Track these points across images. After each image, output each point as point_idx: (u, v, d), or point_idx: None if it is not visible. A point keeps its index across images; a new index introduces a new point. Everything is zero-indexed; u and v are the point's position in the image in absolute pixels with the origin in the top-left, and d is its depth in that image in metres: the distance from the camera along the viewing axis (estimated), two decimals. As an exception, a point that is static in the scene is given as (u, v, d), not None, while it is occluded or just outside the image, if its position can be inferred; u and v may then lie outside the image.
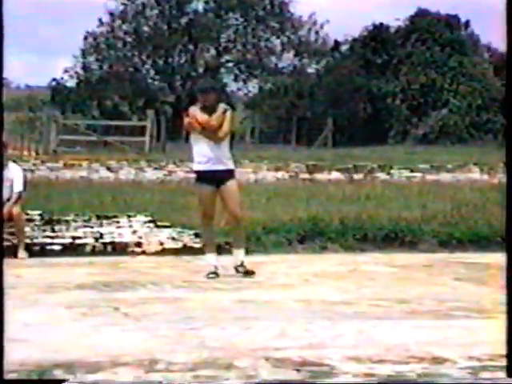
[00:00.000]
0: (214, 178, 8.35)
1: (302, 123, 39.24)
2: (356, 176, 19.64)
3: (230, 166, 8.49)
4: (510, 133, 3.68)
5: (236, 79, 51.05)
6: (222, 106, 8.60)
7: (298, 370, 4.36)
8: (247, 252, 10.60)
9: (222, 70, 51.10)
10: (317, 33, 48.88)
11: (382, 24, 43.83)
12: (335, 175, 20.65)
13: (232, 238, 8.86)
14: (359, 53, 43.34)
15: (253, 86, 51.44)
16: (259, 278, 8.37)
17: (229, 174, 8.44)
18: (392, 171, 20.27)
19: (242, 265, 8.47)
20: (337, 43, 46.89)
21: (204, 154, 8.40)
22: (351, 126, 40.90)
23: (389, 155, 24.93)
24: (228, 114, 8.52)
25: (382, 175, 19.93)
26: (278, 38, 49.88)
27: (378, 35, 43.25)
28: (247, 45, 50.16)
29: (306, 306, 6.62)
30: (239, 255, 8.54)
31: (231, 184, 8.45)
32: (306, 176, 20.63)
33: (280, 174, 20.96)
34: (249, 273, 8.41)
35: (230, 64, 50.94)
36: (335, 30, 59.92)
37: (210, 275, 8.27)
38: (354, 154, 25.65)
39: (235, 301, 6.88)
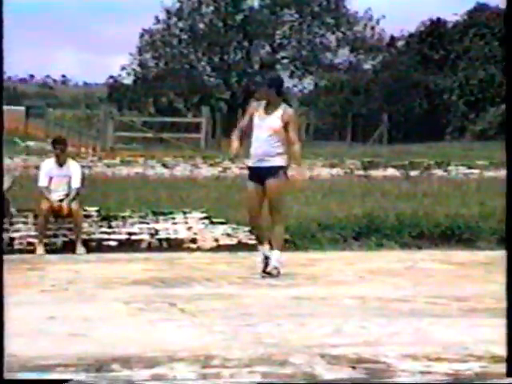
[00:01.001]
0: (260, 175, 8.31)
1: (357, 119, 39.03)
2: (412, 173, 19.47)
3: (278, 162, 8.24)
4: (510, 132, 3.65)
5: (291, 76, 50.97)
6: (284, 106, 8.38)
7: (353, 368, 4.34)
8: (303, 249, 10.61)
9: (278, 66, 51.07)
10: (372, 28, 48.57)
11: (439, 19, 43.39)
12: (391, 172, 20.50)
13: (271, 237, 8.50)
14: (416, 48, 42.96)
15: (308, 83, 51.34)
16: (314, 274, 8.35)
17: (274, 171, 8.22)
18: (449, 168, 20.06)
19: (274, 268, 8.18)
20: (393, 39, 46.55)
21: (253, 151, 8.38)
22: (407, 122, 40.57)
23: (446, 151, 24.67)
24: (293, 118, 8.34)
25: (438, 172, 19.73)
26: (333, 33, 49.67)
27: (435, 30, 42.82)
28: (302, 41, 50.05)
29: (362, 303, 6.59)
30: (272, 258, 8.25)
31: (274, 181, 8.22)
32: (361, 173, 20.52)
33: (335, 171, 20.88)
34: (271, 274, 8.14)
35: (285, 61, 50.90)
36: (391, 26, 59.52)
37: (263, 274, 8.19)
38: (410, 151, 25.43)
39: (290, 297, 6.88)
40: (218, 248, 10.64)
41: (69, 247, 10.36)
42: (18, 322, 5.72)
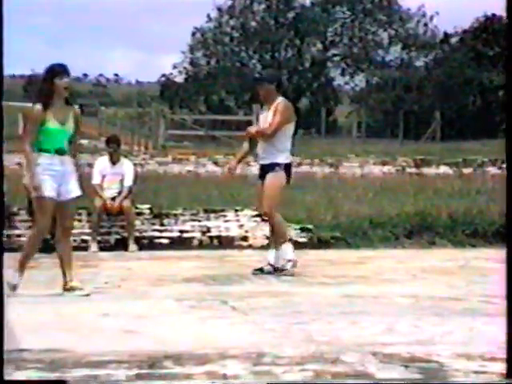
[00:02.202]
0: (262, 173, 8.31)
1: (409, 117, 38.75)
2: (465, 170, 19.27)
3: (275, 159, 8.18)
4: (510, 131, 3.58)
5: (343, 73, 50.79)
6: (280, 99, 8.29)
7: (406, 367, 4.30)
8: (354, 247, 10.56)
9: (329, 64, 50.93)
10: (425, 25, 48.19)
11: (494, 15, 42.85)
12: (443, 169, 20.32)
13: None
14: (470, 45, 42.50)
15: (359, 80, 51.13)
16: (366, 272, 8.31)
17: (270, 168, 8.19)
18: (504, 165, 19.81)
19: (269, 265, 8.20)
20: (446, 35, 46.12)
21: (259, 149, 8.38)
22: (460, 119, 40.17)
23: (500, 149, 24.32)
24: (279, 107, 8.19)
25: (493, 169, 19.50)
26: (385, 31, 49.40)
27: (489, 26, 42.30)
28: (354, 38, 49.84)
29: (414, 302, 6.53)
30: (269, 255, 8.28)
31: (268, 178, 8.20)
32: (414, 170, 20.38)
33: (386, 169, 20.77)
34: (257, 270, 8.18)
35: (337, 58, 50.74)
36: (445, 22, 58.86)
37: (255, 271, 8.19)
38: (463, 148, 25.17)
39: (342, 295, 6.85)
40: (269, 246, 10.64)
41: (121, 245, 10.46)
42: (72, 319, 5.80)
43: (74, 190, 6.87)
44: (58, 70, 6.77)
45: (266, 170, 8.24)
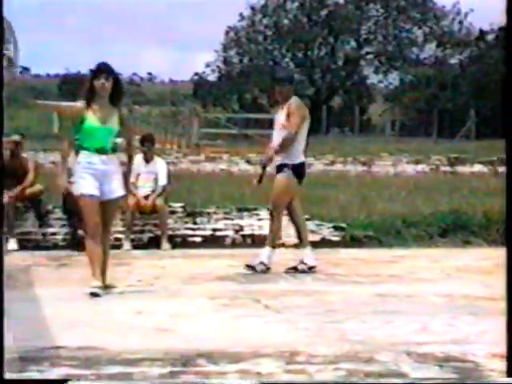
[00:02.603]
0: (275, 173, 8.33)
1: (443, 115, 38.47)
2: (501, 169, 19.09)
3: (284, 160, 8.20)
4: (510, 131, 3.56)
5: (376, 71, 50.55)
6: (291, 99, 8.33)
7: (440, 366, 4.28)
8: (388, 246, 10.51)
9: (362, 62, 50.72)
10: (460, 22, 47.82)
11: (529, 11, 42.39)
12: (478, 168, 20.16)
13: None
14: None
15: (393, 78, 50.83)
16: (400, 271, 8.27)
17: (280, 169, 8.24)
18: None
19: (259, 263, 8.19)
20: (482, 32, 45.72)
21: None
22: (496, 117, 39.80)
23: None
24: (292, 106, 8.25)
25: (528, 168, 19.27)
26: (419, 28, 49.10)
27: (525, 23, 41.83)
28: (388, 36, 49.59)
29: (449, 301, 6.49)
30: (262, 254, 8.28)
31: (276, 179, 8.27)
32: (448, 169, 20.24)
33: (420, 167, 20.66)
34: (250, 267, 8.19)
35: (370, 56, 50.50)
36: (480, 19, 58.29)
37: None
38: (498, 146, 24.90)
39: (375, 294, 6.82)
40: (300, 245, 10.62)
41: (154, 243, 10.50)
42: (106, 317, 5.83)
43: (116, 190, 6.84)
44: (94, 70, 6.82)
45: (277, 170, 8.28)
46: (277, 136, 8.30)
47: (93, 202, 6.77)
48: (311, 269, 8.23)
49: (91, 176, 6.76)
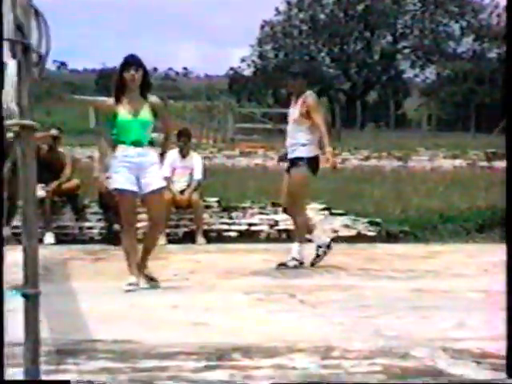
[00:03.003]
0: (289, 166, 8.29)
1: (481, 109, 38.15)
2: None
3: (299, 153, 8.20)
4: (510, 129, 3.51)
5: (413, 66, 50.26)
6: (306, 94, 8.30)
7: (477, 363, 4.26)
8: (424, 241, 10.46)
9: (399, 56, 50.45)
10: (499, 16, 47.34)
11: None
12: (517, 163, 19.92)
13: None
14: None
15: (430, 72, 50.52)
16: (436, 267, 8.23)
17: (295, 163, 8.22)
18: None
19: (291, 259, 8.19)
20: (520, 26, 45.20)
21: (287, 142, 8.38)
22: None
23: None
24: (309, 100, 8.24)
25: None
26: (456, 22, 48.71)
27: None
28: (425, 30, 49.26)
29: (486, 297, 6.44)
30: (293, 249, 8.28)
31: (292, 174, 8.25)
32: (485, 164, 20.06)
33: (457, 162, 20.50)
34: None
35: (407, 50, 50.21)
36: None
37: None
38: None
39: (411, 290, 6.79)
40: (337, 239, 10.61)
41: (189, 237, 10.54)
42: (142, 311, 5.87)
43: (153, 183, 6.79)
44: (122, 63, 6.81)
45: (291, 164, 8.27)
46: (291, 130, 8.29)
47: (128, 197, 6.80)
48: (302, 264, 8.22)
49: (127, 169, 6.76)
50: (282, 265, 8.17)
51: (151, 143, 6.88)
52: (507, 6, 3.68)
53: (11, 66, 3.40)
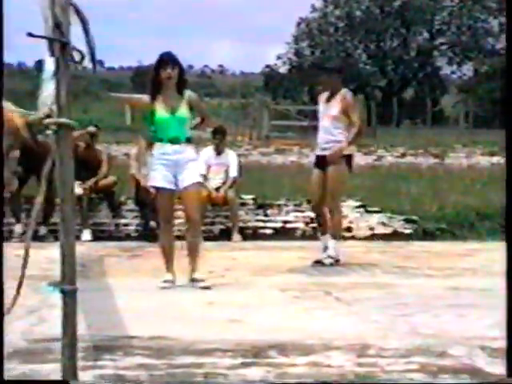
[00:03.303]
0: (322, 163, 8.26)
1: (519, 106, 37.69)
2: None
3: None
4: (510, 127, 3.50)
5: (450, 62, 49.88)
6: (343, 91, 8.33)
7: (515, 362, 4.21)
8: (462, 238, 10.38)
9: (435, 53, 50.09)
10: (537, 11, 46.80)
11: None
12: (555, 160, 19.70)
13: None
14: None
15: (467, 69, 50.10)
16: (473, 265, 8.16)
17: (325, 161, 8.23)
18: None
19: (327, 256, 8.19)
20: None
21: (318, 139, 8.40)
22: None
23: None
24: (348, 97, 8.30)
25: None
26: (495, 18, 48.22)
27: None
28: (462, 27, 48.86)
29: (524, 296, 6.37)
30: (329, 247, 8.26)
31: (332, 171, 8.21)
32: (524, 161, 19.83)
33: (495, 159, 20.32)
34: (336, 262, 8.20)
35: (444, 47, 49.84)
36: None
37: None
38: None
39: (448, 288, 6.75)
40: (373, 237, 10.58)
41: (225, 235, 10.56)
42: (178, 308, 5.89)
43: (189, 179, 6.77)
44: (158, 61, 6.82)
45: (324, 162, 8.25)
46: (328, 127, 8.27)
47: (164, 194, 6.82)
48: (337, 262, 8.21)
49: (164, 167, 6.77)
50: (318, 262, 8.16)
51: (189, 140, 6.87)
52: (507, 5, 3.66)
53: (48, 63, 3.43)
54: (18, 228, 9.90)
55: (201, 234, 7.14)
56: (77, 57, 3.39)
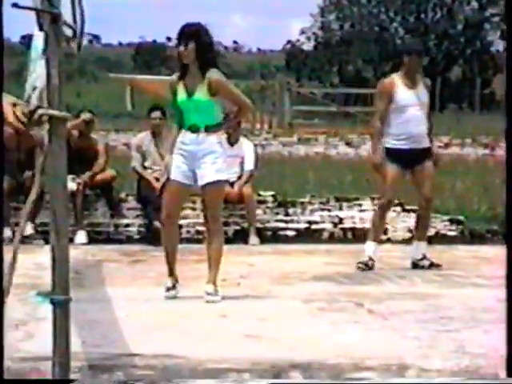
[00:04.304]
0: (411, 158, 8.31)
1: None
2: None
3: (427, 144, 8.49)
4: (510, 126, 3.53)
5: (503, 36, 49.63)
6: (420, 76, 8.47)
7: None
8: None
9: (486, 25, 49.88)
10: None
11: None
12: None
13: (417, 227, 8.68)
14: None
15: (523, 45, 49.87)
16: (529, 273, 8.13)
17: (427, 154, 8.43)
18: None
19: (424, 258, 8.40)
20: None
21: (405, 130, 8.34)
22: None
23: None
24: (428, 85, 8.52)
25: None
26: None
27: None
28: (516, -5, 48.63)
29: None
30: (420, 248, 8.46)
31: (428, 166, 8.40)
32: None
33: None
34: (434, 265, 8.37)
35: (496, 19, 49.60)
36: None
37: (359, 265, 8.29)
38: None
39: (500, 299, 6.71)
40: (412, 239, 10.54)
41: (241, 237, 10.57)
42: (187, 320, 5.91)
43: (207, 175, 6.72)
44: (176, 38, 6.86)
45: (418, 154, 8.32)
46: (420, 116, 8.34)
47: (173, 188, 6.81)
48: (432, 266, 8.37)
49: (181, 158, 6.75)
50: (364, 264, 8.23)
51: (212, 128, 6.80)
52: (507, 5, 3.70)
53: (37, 39, 3.44)
54: (6, 231, 9.93)
55: (221, 240, 7.02)
56: (68, 32, 3.40)
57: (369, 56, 46.94)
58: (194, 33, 6.66)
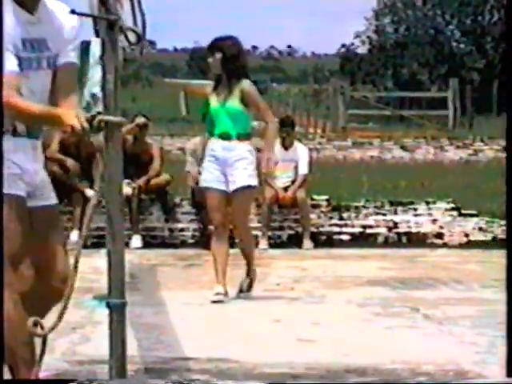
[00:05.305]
0: None
1: None
2: None
3: None
4: (510, 125, 3.45)
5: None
6: None
7: None
8: None
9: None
10: None
11: None
12: None
13: None
14: None
15: None
16: None
17: None
18: None
19: None
20: None
21: None
22: None
23: None
24: None
25: None
26: None
27: None
28: None
29: None
30: None
31: None
32: None
33: None
34: None
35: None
36: None
37: None
38: None
39: (558, 305, 6.64)
40: (469, 244, 10.47)
41: (295, 241, 10.56)
42: (240, 325, 5.91)
43: (237, 181, 6.78)
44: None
45: None
46: None
47: (213, 196, 6.86)
48: None
49: (213, 165, 6.83)
50: None
51: (243, 135, 6.84)
52: (507, 6, 3.65)
53: (94, 45, 3.47)
54: (73, 235, 10.02)
55: (250, 240, 7.20)
56: (132, 38, 3.41)
57: (424, 59, 46.61)
58: (220, 45, 6.87)
